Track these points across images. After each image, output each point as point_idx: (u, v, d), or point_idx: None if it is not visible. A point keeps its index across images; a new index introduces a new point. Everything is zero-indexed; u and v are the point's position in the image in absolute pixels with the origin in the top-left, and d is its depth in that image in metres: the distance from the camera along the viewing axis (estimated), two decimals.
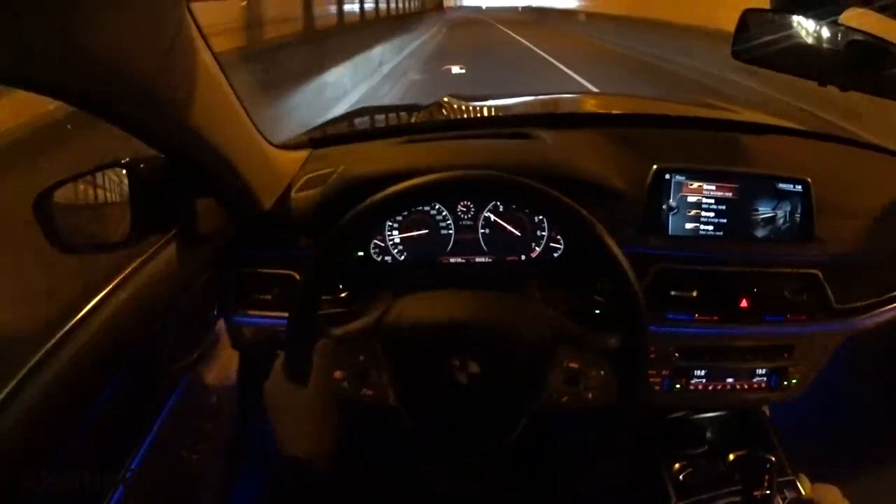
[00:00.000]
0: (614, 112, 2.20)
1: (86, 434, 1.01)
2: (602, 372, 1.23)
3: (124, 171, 1.16)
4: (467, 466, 1.41)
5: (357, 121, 2.37)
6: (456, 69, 13.71)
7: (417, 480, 1.54)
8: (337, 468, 1.03)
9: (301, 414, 1.04)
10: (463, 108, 2.09)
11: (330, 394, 1.07)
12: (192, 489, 1.40)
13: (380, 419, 1.25)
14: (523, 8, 58.61)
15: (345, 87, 10.93)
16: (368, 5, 22.29)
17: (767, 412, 1.70)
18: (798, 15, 1.37)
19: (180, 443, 1.32)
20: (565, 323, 1.17)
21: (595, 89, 11.48)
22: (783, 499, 1.41)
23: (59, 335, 1.02)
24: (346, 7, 18.31)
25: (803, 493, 1.44)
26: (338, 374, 1.10)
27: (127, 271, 1.20)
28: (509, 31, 30.76)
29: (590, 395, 1.14)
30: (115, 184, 1.16)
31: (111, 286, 1.15)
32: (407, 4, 36.32)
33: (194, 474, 1.39)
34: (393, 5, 30.10)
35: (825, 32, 1.35)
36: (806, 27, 1.36)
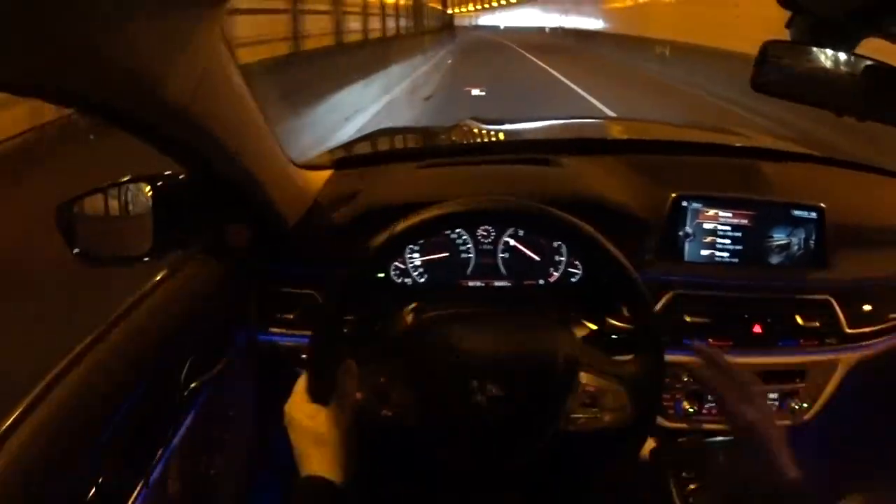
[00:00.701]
0: (633, 138, 2.21)
1: (105, 446, 1.01)
2: (618, 395, 1.24)
3: (147, 186, 1.18)
4: (484, 487, 1.41)
5: (379, 142, 2.39)
6: (476, 91, 13.35)
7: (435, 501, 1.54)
8: (355, 489, 1.03)
9: (321, 434, 1.05)
10: (484, 132, 2.11)
11: (351, 414, 1.08)
12: (210, 502, 1.41)
13: (399, 440, 1.25)
14: (552, 29, 48.18)
15: None
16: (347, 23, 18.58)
17: None
18: (818, 46, 1.38)
19: (199, 456, 1.33)
20: (584, 349, 1.18)
21: (612, 113, 11.33)
22: None
23: (80, 347, 1.03)
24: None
25: None
26: (359, 394, 1.11)
27: (149, 286, 1.22)
28: (542, 64, 22.11)
29: (606, 418, 1.15)
30: (138, 198, 1.18)
31: (133, 300, 1.17)
32: (399, 22, 28.96)
33: (212, 488, 1.40)
34: (376, 24, 24.09)
35: (844, 63, 1.36)
36: (825, 58, 1.37)
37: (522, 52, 28.46)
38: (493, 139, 2.17)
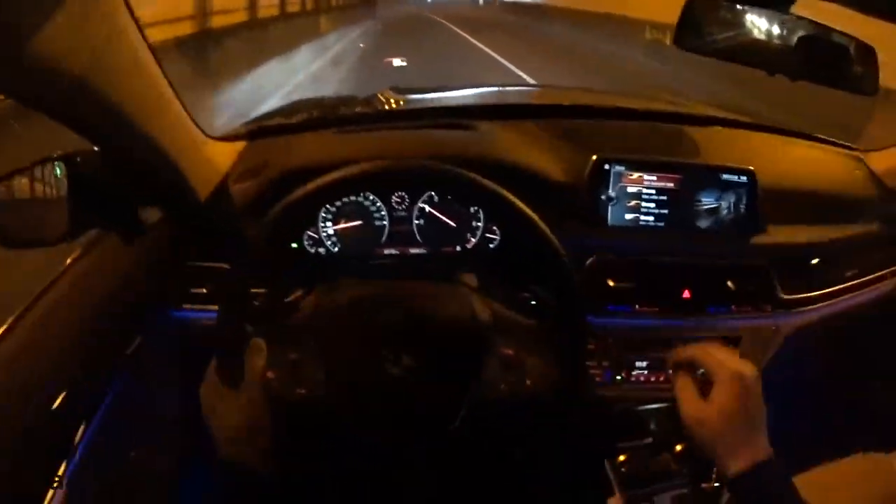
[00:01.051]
0: (555, 104, 2.20)
1: (22, 435, 0.99)
2: (540, 360, 1.24)
3: (64, 165, 1.15)
4: (407, 464, 1.40)
5: (294, 112, 2.35)
6: (397, 62, 13.01)
7: (360, 479, 1.53)
8: (275, 471, 1.02)
9: (237, 417, 1.03)
10: (402, 100, 2.08)
11: (263, 395, 1.05)
12: (135, 489, 1.38)
13: (314, 419, 1.23)
14: (486, 1, 43.77)
15: None
16: None
17: None
18: (748, 5, 1.37)
19: (120, 442, 1.30)
20: (502, 314, 1.17)
21: (533, 81, 11.33)
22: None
23: None
24: None
25: None
26: (270, 374, 1.09)
27: (63, 266, 1.19)
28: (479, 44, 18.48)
29: (528, 383, 1.14)
30: (55, 178, 1.15)
31: (48, 283, 1.15)
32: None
33: (136, 474, 1.37)
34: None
35: (776, 22, 1.36)
36: (757, 16, 1.36)
37: (450, 26, 24.92)
38: (413, 107, 2.13)
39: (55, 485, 1.04)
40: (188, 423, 1.53)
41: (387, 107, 2.00)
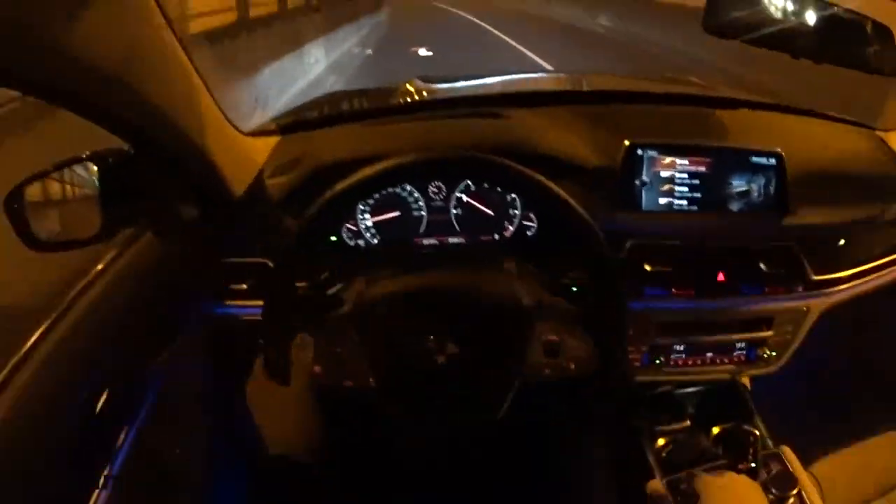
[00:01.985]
0: (585, 89, 2.19)
1: (65, 435, 1.00)
2: (582, 344, 1.24)
3: (94, 165, 1.14)
4: (456, 447, 1.41)
5: (325, 106, 2.35)
6: (423, 51, 13.05)
7: (406, 466, 1.54)
8: (323, 462, 1.03)
9: (285, 413, 1.04)
10: (431, 90, 2.07)
11: (311, 389, 1.06)
12: (175, 486, 1.39)
13: (362, 410, 1.24)
14: None
15: None
16: None
17: (748, 385, 1.71)
18: None
19: (160, 440, 1.31)
20: (542, 299, 1.17)
21: (550, 67, 11.26)
22: (768, 472, 1.43)
23: (34, 337, 1.00)
24: None
25: (788, 465, 1.46)
26: (317, 368, 1.09)
27: (99, 267, 1.19)
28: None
29: (572, 366, 1.14)
30: (85, 178, 1.15)
31: (83, 283, 1.14)
32: None
33: (176, 471, 1.38)
34: None
35: (799, 6, 1.36)
36: (779, 1, 1.36)
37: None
38: (442, 96, 2.13)
39: (100, 485, 1.05)
40: (228, 418, 1.55)
41: (416, 97, 2.00)
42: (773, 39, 1.40)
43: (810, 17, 1.36)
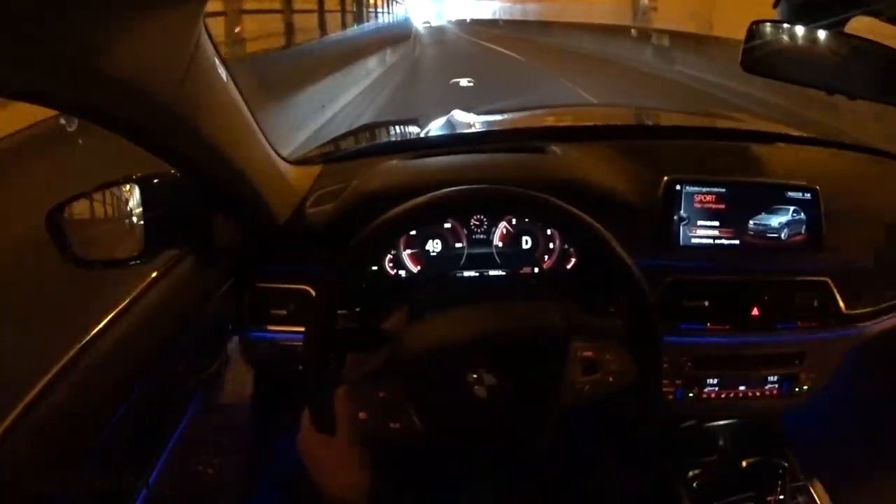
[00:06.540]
0: (623, 124, 2.20)
1: (104, 449, 1.02)
2: (618, 356, 1.23)
3: (137, 187, 1.17)
4: (501, 478, 1.41)
5: (367, 136, 2.38)
6: (464, 82, 13.10)
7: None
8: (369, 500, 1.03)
9: (335, 461, 1.05)
10: (473, 122, 2.10)
11: (359, 435, 1.07)
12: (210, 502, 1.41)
13: (411, 451, 1.25)
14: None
15: None
16: None
17: (779, 419, 1.70)
18: (805, 25, 1.37)
19: (196, 459, 1.33)
20: (573, 313, 1.17)
21: (594, 100, 11.21)
22: None
23: (73, 351, 1.03)
24: None
25: (817, 499, 1.44)
26: (362, 414, 1.10)
27: (141, 287, 1.22)
28: None
29: (610, 379, 1.14)
30: (127, 200, 1.18)
31: (125, 302, 1.17)
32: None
33: (210, 491, 1.40)
34: None
35: (833, 42, 1.36)
36: (814, 37, 1.36)
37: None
38: (482, 129, 2.15)
39: (135, 498, 1.07)
40: (261, 441, 1.57)
41: (458, 129, 2.02)
42: (809, 76, 1.39)
43: (846, 54, 1.36)
